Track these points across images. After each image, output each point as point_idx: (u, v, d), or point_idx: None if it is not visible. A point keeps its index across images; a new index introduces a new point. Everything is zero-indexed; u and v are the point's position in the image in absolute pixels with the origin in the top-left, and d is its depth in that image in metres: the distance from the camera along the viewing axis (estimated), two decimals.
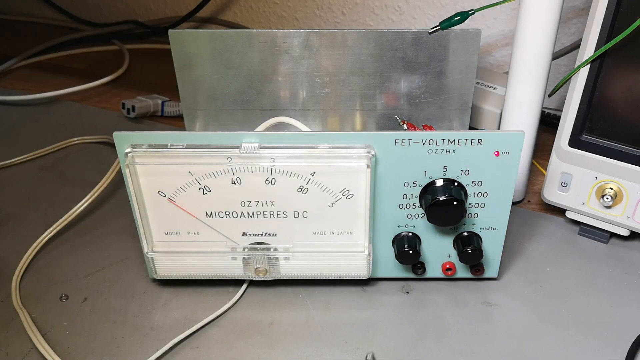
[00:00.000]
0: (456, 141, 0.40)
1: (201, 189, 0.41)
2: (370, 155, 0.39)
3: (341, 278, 0.45)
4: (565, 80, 0.47)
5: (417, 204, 0.42)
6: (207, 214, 0.42)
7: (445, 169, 0.41)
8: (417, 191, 0.42)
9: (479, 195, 0.42)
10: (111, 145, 0.64)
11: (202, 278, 0.45)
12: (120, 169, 0.44)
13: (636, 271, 0.48)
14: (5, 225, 0.54)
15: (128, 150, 0.40)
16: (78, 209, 0.53)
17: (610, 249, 0.50)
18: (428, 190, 0.41)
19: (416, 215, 0.43)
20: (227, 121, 0.55)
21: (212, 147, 0.40)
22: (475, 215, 0.43)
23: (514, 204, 0.55)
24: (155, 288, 0.47)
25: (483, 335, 0.42)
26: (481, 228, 0.43)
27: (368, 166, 0.39)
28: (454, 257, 0.45)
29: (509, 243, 0.50)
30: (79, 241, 0.52)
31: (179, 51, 0.52)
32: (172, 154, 0.40)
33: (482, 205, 0.42)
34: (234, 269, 0.45)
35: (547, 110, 0.67)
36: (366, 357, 0.40)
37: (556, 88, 0.49)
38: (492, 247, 0.44)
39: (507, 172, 0.41)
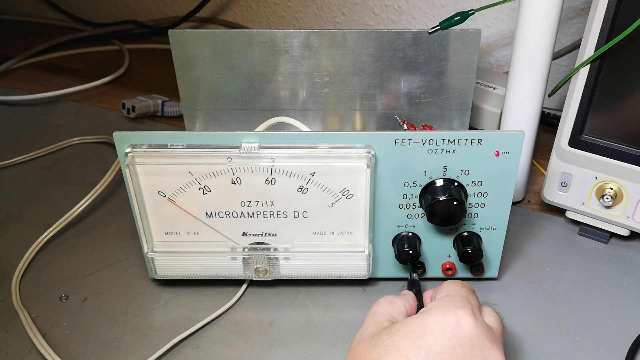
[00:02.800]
0: (456, 141, 0.40)
1: (201, 189, 0.41)
2: (370, 155, 0.39)
3: (341, 278, 0.45)
4: (565, 80, 0.47)
5: (417, 204, 0.42)
6: (207, 214, 0.42)
7: (445, 169, 0.41)
8: (417, 191, 0.42)
9: (479, 195, 0.42)
10: (111, 145, 0.64)
11: (202, 278, 0.45)
12: (120, 169, 0.44)
13: (636, 271, 0.48)
14: (5, 225, 0.54)
15: (128, 150, 0.40)
16: (78, 209, 0.53)
17: (610, 249, 0.50)
18: (428, 190, 0.41)
19: (416, 215, 0.43)
20: (227, 121, 0.55)
21: (212, 147, 0.40)
22: (475, 215, 0.43)
23: (514, 204, 0.55)
24: (155, 288, 0.47)
25: None
26: (481, 228, 0.43)
27: (368, 166, 0.39)
28: (454, 257, 0.45)
29: (509, 243, 0.50)
30: (79, 241, 0.52)
31: (179, 51, 0.52)
32: (172, 154, 0.40)
33: (482, 205, 0.42)
34: (234, 269, 0.45)
35: (547, 110, 0.67)
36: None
37: (556, 88, 0.49)
38: (492, 247, 0.44)
39: (507, 172, 0.41)
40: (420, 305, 0.39)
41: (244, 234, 0.43)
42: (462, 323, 0.32)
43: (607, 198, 0.47)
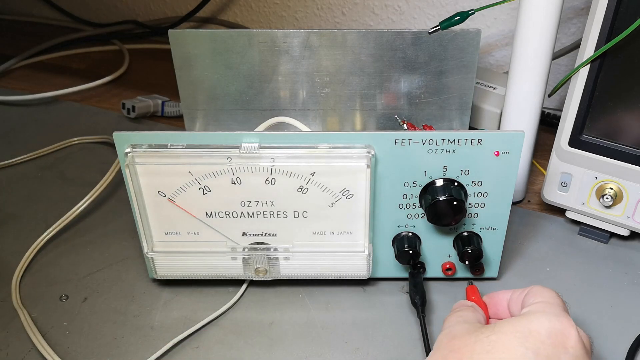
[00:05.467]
0: (456, 141, 0.40)
1: (201, 189, 0.41)
2: (370, 155, 0.39)
3: (341, 278, 0.45)
4: (565, 80, 0.47)
5: (417, 204, 0.42)
6: (207, 214, 0.42)
7: (445, 169, 0.41)
8: (417, 191, 0.42)
9: (479, 195, 0.42)
10: (111, 145, 0.64)
11: (202, 278, 0.45)
12: (120, 169, 0.44)
13: (636, 271, 0.48)
14: (5, 225, 0.54)
15: (128, 150, 0.40)
16: (78, 209, 0.53)
17: (610, 249, 0.50)
18: (428, 190, 0.41)
19: (416, 215, 0.43)
20: (227, 121, 0.55)
21: (212, 147, 0.40)
22: (475, 215, 0.43)
23: (514, 204, 0.55)
24: (155, 288, 0.47)
25: None
26: (481, 228, 0.43)
27: (368, 166, 0.39)
28: (454, 257, 0.45)
29: (509, 243, 0.50)
30: (79, 241, 0.52)
31: (179, 51, 0.52)
32: (172, 154, 0.40)
33: (482, 205, 0.42)
34: (234, 269, 0.45)
35: (547, 110, 0.67)
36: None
37: (556, 88, 0.49)
38: (492, 247, 0.44)
39: (507, 172, 0.41)
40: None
41: (244, 234, 0.43)
42: (568, 333, 0.32)
43: (607, 198, 0.47)
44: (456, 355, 0.32)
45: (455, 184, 0.41)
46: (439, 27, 0.48)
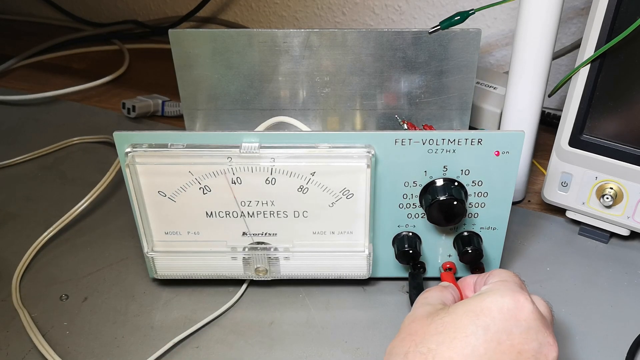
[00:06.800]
0: (456, 141, 0.40)
1: (201, 189, 0.41)
2: (371, 155, 0.39)
3: (341, 278, 0.45)
4: (565, 80, 0.47)
5: (417, 203, 0.42)
6: (207, 213, 0.42)
7: (445, 169, 0.41)
8: (417, 191, 0.42)
9: (479, 195, 0.42)
10: (111, 145, 0.64)
11: (202, 278, 0.45)
12: (120, 169, 0.44)
13: (636, 271, 0.48)
14: (5, 225, 0.54)
15: (128, 150, 0.40)
16: (78, 209, 0.53)
17: (610, 249, 0.50)
18: (428, 190, 0.41)
19: (416, 215, 0.43)
20: (227, 121, 0.55)
21: (212, 147, 0.40)
22: (475, 215, 0.43)
23: (514, 203, 0.55)
24: (155, 288, 0.47)
25: None
26: (481, 228, 0.43)
27: (368, 166, 0.39)
28: (454, 257, 0.45)
29: (509, 243, 0.50)
30: (79, 241, 0.52)
31: (179, 51, 0.52)
32: (172, 154, 0.40)
33: (482, 205, 0.42)
34: (234, 268, 0.45)
35: (547, 110, 0.67)
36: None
37: (556, 88, 0.49)
38: (492, 247, 0.44)
39: (507, 171, 0.41)
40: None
41: (244, 233, 0.43)
42: (521, 307, 0.33)
43: (607, 198, 0.47)
44: (412, 338, 0.33)
45: (456, 183, 0.41)
46: (439, 27, 0.48)
